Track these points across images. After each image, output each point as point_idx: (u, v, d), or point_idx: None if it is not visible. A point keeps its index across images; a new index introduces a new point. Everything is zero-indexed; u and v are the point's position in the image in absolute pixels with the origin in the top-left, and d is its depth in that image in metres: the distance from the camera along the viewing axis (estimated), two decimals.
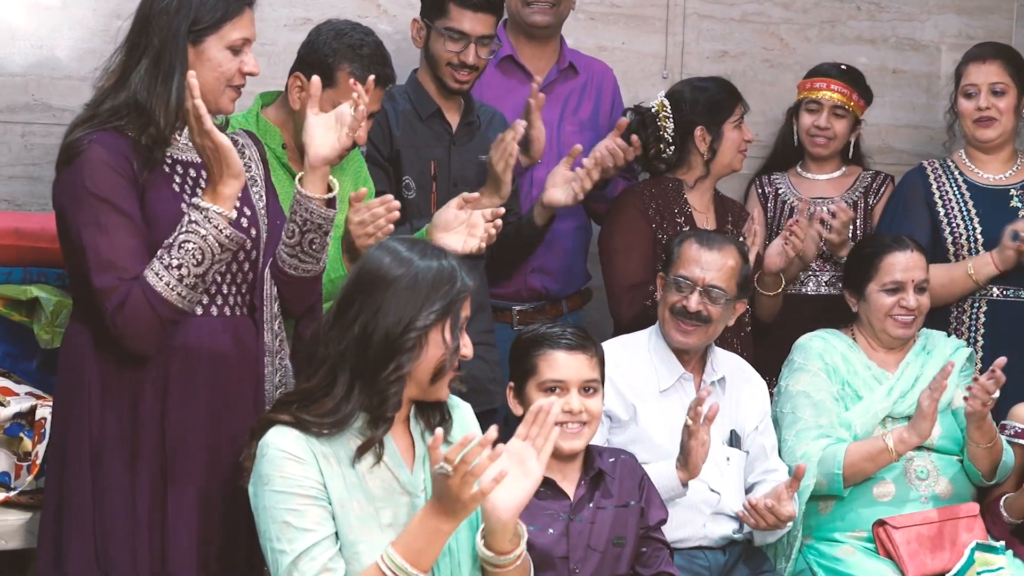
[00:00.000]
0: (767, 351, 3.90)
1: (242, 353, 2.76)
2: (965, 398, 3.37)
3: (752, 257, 3.63)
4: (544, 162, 3.85)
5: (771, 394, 3.62)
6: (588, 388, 2.98)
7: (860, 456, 3.42)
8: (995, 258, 3.80)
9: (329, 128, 2.75)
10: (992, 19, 4.83)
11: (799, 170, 4.27)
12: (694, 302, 3.37)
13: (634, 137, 3.74)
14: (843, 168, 4.24)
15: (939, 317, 3.85)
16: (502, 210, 3.25)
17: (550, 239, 3.84)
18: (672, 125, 3.87)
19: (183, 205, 2.65)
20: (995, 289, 3.86)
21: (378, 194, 3.46)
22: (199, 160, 2.71)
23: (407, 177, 3.63)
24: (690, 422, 3.10)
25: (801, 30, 4.64)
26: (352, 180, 3.36)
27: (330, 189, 2.75)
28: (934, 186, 4.00)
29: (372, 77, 2.98)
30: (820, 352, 3.60)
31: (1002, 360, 3.34)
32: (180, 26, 2.63)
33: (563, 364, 2.97)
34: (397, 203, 3.03)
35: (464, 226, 3.20)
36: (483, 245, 3.19)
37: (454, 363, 2.48)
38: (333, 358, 2.46)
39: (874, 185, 4.19)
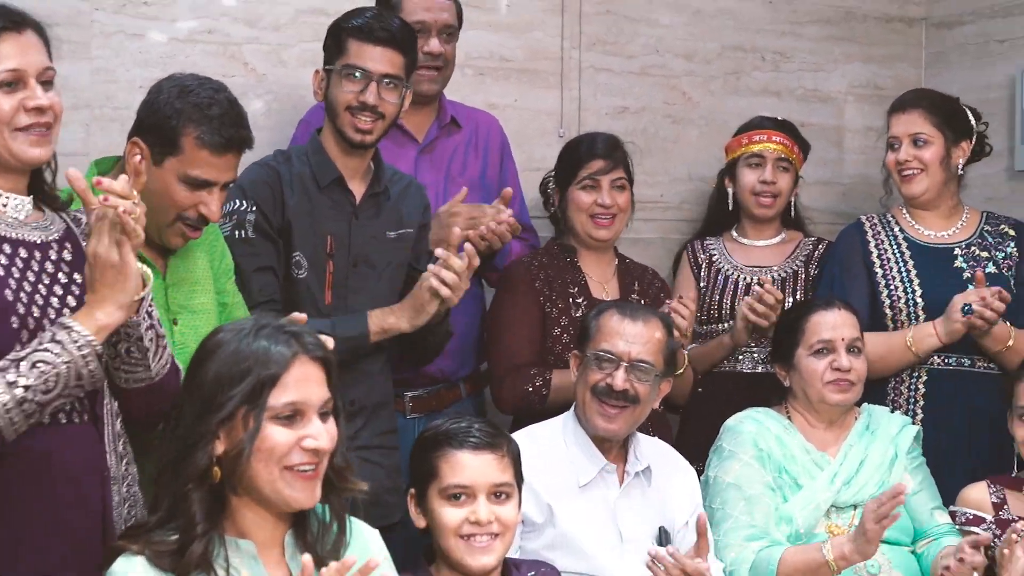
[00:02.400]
0: (695, 434, 3.59)
1: (84, 471, 2.33)
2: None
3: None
4: None
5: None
6: (499, 493, 2.61)
7: (796, 567, 3.08)
8: (939, 329, 3.50)
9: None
10: (900, 67, 4.69)
11: (735, 235, 3.96)
12: (620, 379, 3.02)
13: (510, 217, 3.45)
14: (783, 233, 3.95)
15: (876, 387, 3.54)
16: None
17: None
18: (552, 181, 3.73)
19: (7, 291, 2.25)
20: (936, 358, 3.58)
21: (258, 271, 3.09)
22: (32, 239, 2.33)
23: (298, 253, 3.19)
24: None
25: (704, 82, 4.42)
26: (207, 255, 2.92)
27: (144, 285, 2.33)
28: (872, 243, 3.72)
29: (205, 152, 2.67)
30: (753, 437, 3.26)
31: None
32: None
33: (468, 466, 2.59)
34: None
35: None
36: None
37: (251, 448, 2.11)
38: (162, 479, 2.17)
39: (816, 253, 3.90)
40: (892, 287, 3.64)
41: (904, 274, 3.64)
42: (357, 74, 3.18)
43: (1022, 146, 4.17)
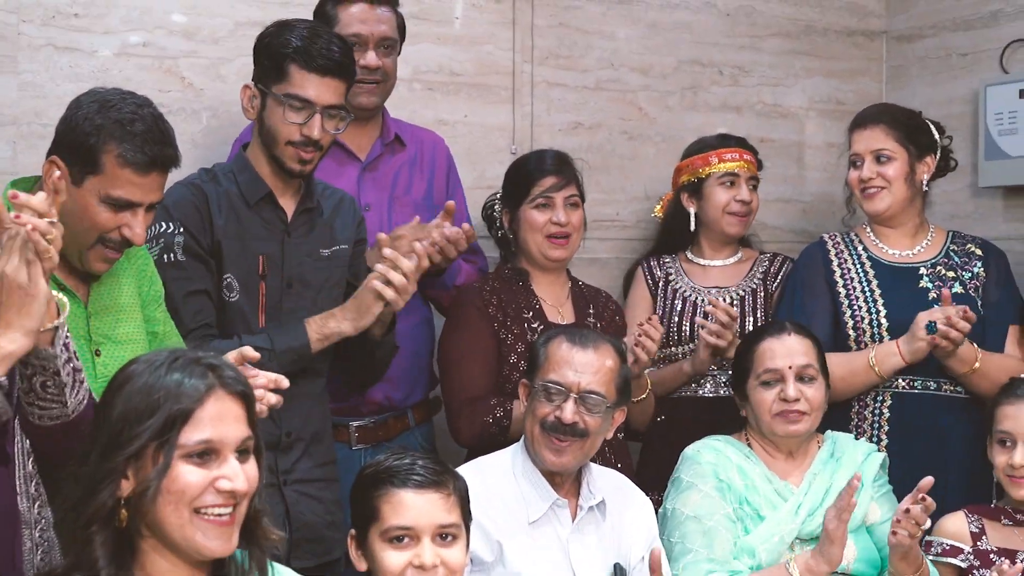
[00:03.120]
0: (657, 461, 3.44)
1: None
2: (893, 532, 2.90)
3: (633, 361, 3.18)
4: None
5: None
6: (445, 535, 2.45)
7: None
8: (902, 348, 3.37)
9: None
10: (861, 82, 4.59)
11: (690, 255, 3.82)
12: (569, 412, 2.86)
13: (465, 225, 3.30)
14: (739, 252, 3.82)
15: (839, 412, 3.40)
16: (285, 382, 2.62)
17: None
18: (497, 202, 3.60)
19: None
20: (900, 381, 3.45)
21: (191, 295, 2.93)
22: None
23: (228, 275, 3.01)
24: None
25: (661, 98, 4.29)
26: (135, 281, 2.74)
27: (59, 313, 2.17)
28: (835, 262, 3.59)
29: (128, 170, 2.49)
30: (713, 467, 3.10)
31: (928, 481, 2.89)
32: None
33: (411, 507, 2.43)
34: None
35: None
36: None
37: (158, 486, 1.94)
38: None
39: (772, 269, 3.77)
40: (855, 307, 3.52)
41: (868, 294, 3.52)
42: (299, 105, 3.01)
43: (986, 162, 4.06)
